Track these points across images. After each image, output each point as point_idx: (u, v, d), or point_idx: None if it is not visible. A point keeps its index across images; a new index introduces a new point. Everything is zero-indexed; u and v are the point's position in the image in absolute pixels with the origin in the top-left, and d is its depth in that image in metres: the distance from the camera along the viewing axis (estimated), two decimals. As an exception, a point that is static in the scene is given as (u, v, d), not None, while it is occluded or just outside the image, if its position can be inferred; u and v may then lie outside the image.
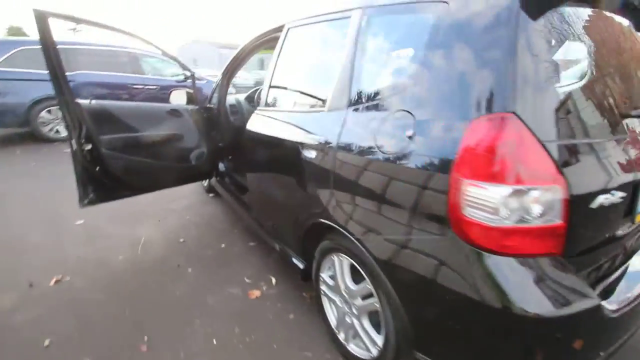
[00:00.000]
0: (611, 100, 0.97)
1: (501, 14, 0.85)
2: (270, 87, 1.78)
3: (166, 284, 1.88)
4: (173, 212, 2.84)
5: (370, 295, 1.19)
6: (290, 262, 1.67)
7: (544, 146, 0.78)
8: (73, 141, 1.95)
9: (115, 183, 2.17)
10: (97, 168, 2.07)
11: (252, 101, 2.93)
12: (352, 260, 1.24)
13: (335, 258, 1.34)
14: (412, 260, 0.94)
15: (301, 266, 1.59)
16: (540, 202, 0.78)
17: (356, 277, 1.28)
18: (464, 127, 0.84)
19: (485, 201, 0.80)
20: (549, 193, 0.79)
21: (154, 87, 6.12)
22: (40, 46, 1.70)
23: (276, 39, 1.90)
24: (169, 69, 6.72)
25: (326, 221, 1.27)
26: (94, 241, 2.33)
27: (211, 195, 3.22)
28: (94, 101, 2.04)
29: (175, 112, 2.42)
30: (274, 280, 1.92)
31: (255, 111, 1.87)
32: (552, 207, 0.79)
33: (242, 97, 2.95)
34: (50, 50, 1.73)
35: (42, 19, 1.68)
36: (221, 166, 2.85)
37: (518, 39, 0.81)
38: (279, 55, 1.74)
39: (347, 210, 1.15)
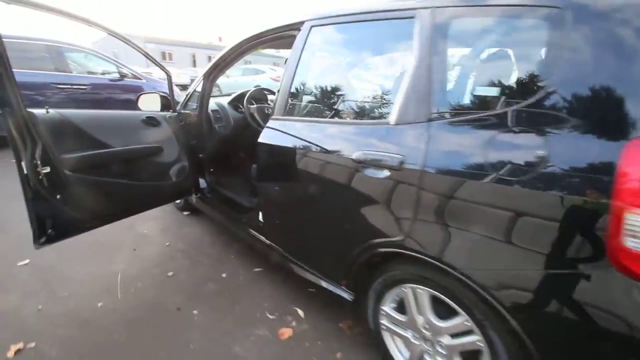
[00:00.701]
0: None
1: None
2: (292, 93, 1.54)
3: (173, 335, 1.53)
4: (147, 238, 2.40)
5: (464, 333, 1.06)
6: (328, 292, 1.48)
7: None
8: (23, 163, 1.49)
9: (81, 213, 1.73)
10: (58, 196, 1.62)
11: (238, 107, 2.59)
12: (436, 293, 1.10)
13: (407, 290, 1.19)
14: (551, 297, 0.83)
15: (349, 297, 1.40)
16: None
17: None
18: (621, 148, 0.74)
19: (655, 231, 0.72)
20: None
21: (84, 86, 5.24)
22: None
23: (287, 37, 1.66)
24: (98, 65, 5.84)
25: (404, 251, 1.11)
26: (54, 287, 1.83)
27: (186, 213, 2.80)
28: (52, 110, 1.58)
29: (151, 121, 2.02)
30: (300, 313, 1.69)
31: (271, 121, 1.61)
32: None
33: (224, 101, 2.59)
34: (-7, 44, 1.27)
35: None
36: (201, 181, 2.48)
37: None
38: (299, 57, 1.51)
39: (445, 240, 1.00)
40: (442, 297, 1.08)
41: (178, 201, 2.83)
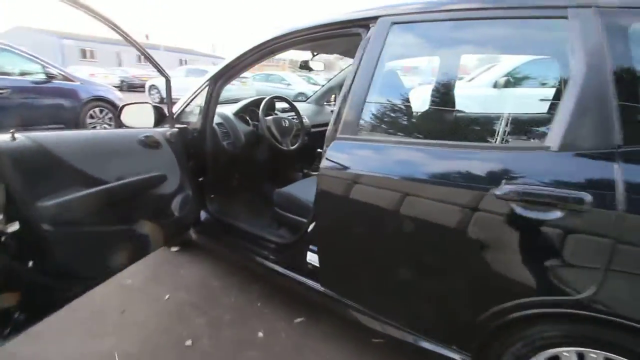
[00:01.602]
0: None
1: None
2: (369, 106, 1.22)
3: None
4: (135, 291, 1.84)
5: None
6: (417, 348, 1.20)
7: None
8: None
9: (65, 280, 1.21)
10: (31, 263, 1.09)
11: (247, 119, 2.15)
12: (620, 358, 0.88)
13: (570, 354, 0.95)
14: None
15: (465, 361, 1.13)
16: None
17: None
18: None
19: None
20: None
21: (1, 90, 4.18)
22: None
23: (345, 36, 1.35)
24: (16, 64, 4.74)
25: (588, 313, 0.87)
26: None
27: (175, 249, 2.27)
28: (20, 136, 1.04)
29: (151, 141, 1.52)
30: (379, 377, 1.37)
31: (336, 142, 1.26)
32: None
33: (228, 112, 2.12)
34: None
35: None
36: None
37: None
38: (377, 61, 1.20)
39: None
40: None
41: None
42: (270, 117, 2.02)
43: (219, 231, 1.95)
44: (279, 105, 2.42)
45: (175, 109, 1.87)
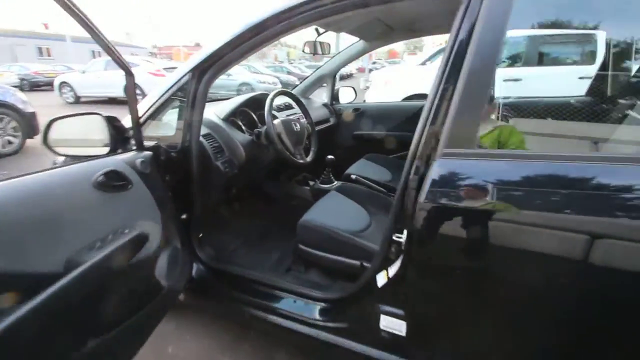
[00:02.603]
0: None
1: None
2: (499, 97, 0.78)
3: None
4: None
5: None
6: None
7: None
8: None
9: None
10: None
11: (240, 125, 1.53)
12: None
13: None
14: None
15: None
16: None
17: None
18: None
19: None
20: None
21: None
22: None
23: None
24: None
25: None
26: None
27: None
28: None
29: (115, 181, 0.91)
30: None
31: (442, 161, 0.80)
32: None
33: (214, 117, 1.48)
34: None
35: None
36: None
37: None
38: (503, 31, 0.76)
39: None
40: None
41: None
42: (278, 121, 1.46)
43: (217, 285, 1.39)
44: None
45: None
